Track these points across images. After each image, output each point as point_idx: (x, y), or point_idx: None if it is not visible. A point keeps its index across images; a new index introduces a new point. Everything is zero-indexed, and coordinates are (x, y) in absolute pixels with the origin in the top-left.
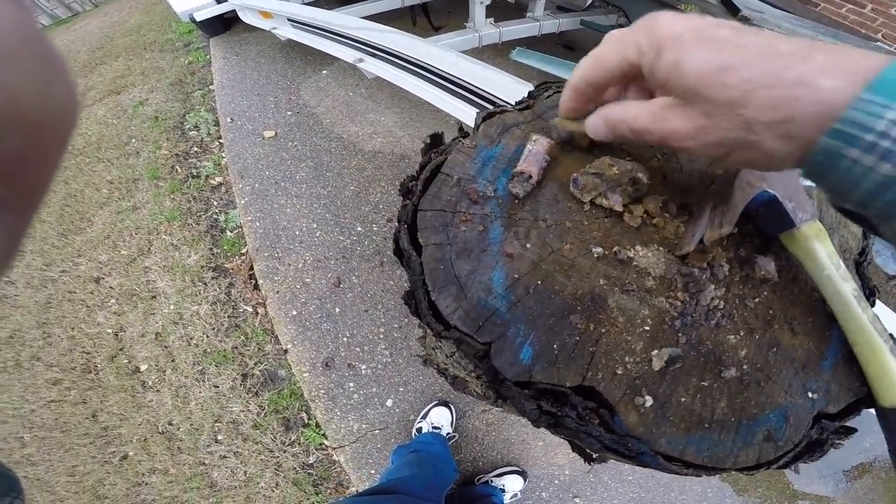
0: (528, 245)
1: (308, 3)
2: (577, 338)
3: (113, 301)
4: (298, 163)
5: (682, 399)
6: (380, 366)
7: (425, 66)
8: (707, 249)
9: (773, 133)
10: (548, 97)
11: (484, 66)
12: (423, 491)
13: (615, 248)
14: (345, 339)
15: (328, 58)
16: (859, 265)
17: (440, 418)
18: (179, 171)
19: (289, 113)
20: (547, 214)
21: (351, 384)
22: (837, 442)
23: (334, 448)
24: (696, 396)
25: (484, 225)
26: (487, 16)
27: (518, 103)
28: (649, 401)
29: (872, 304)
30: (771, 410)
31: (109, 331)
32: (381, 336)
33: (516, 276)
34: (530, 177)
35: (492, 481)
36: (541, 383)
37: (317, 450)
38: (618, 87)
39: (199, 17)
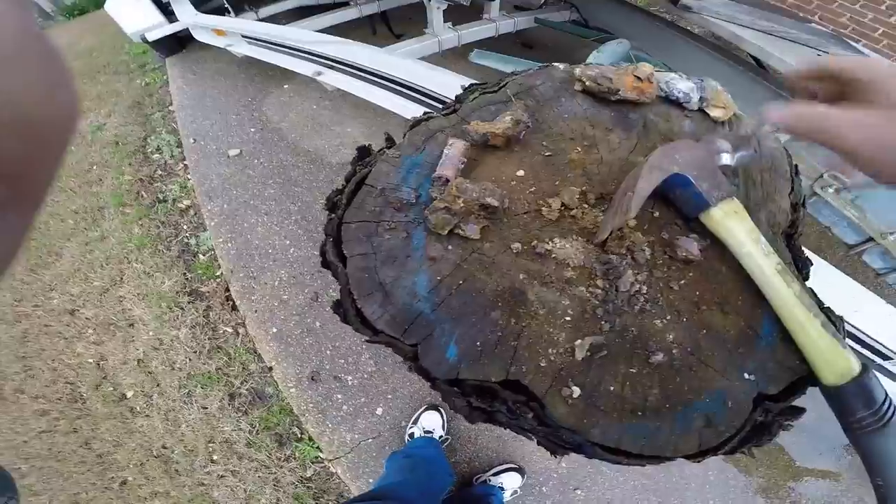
0: (450, 247)
1: (266, 18)
2: (500, 333)
3: (90, 331)
4: (266, 180)
5: (612, 388)
6: (366, 375)
7: (383, 74)
8: (625, 235)
9: None
10: (473, 99)
11: (441, 71)
12: (417, 496)
13: (533, 243)
14: (328, 351)
15: (289, 72)
16: (790, 237)
17: (431, 422)
18: (145, 196)
19: (252, 130)
20: None
21: (339, 396)
22: (786, 423)
23: (330, 460)
24: (626, 384)
25: (408, 231)
26: (445, 20)
27: (444, 108)
28: (576, 391)
29: (806, 278)
30: (707, 395)
31: (91, 360)
32: (364, 346)
33: (439, 278)
34: (447, 180)
35: (490, 480)
36: (469, 380)
37: (313, 463)
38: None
39: (151, 37)
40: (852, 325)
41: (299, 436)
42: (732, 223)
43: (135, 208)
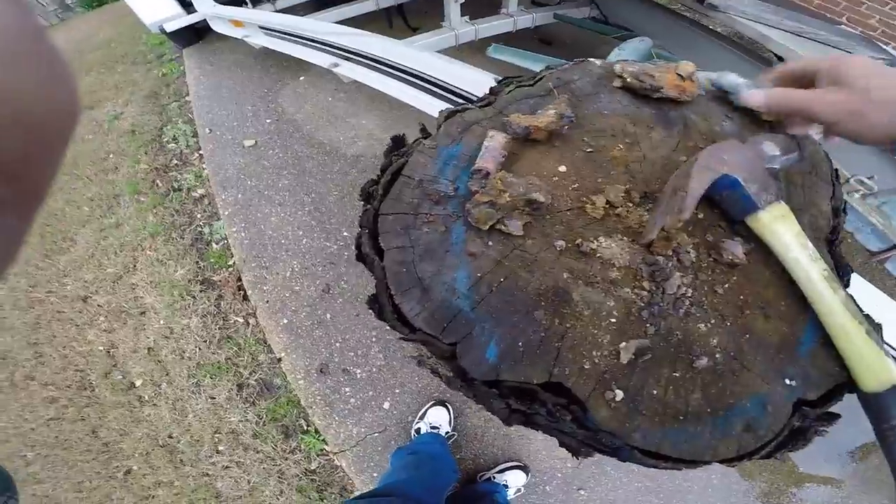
0: (491, 242)
1: (283, 10)
2: (543, 334)
3: (102, 319)
4: (280, 171)
5: (654, 391)
6: (374, 369)
7: (400, 67)
8: (671, 236)
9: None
10: (509, 92)
11: (458, 64)
12: (422, 493)
13: (578, 241)
14: (337, 344)
15: (305, 64)
16: (831, 244)
17: (438, 418)
18: (160, 184)
19: (268, 121)
20: None
21: (347, 389)
22: (821, 429)
23: (335, 453)
24: (669, 388)
25: (446, 225)
26: (463, 14)
27: (480, 100)
28: (620, 395)
29: (847, 284)
30: (748, 399)
31: (101, 348)
32: (374, 339)
33: (479, 274)
34: (488, 173)
35: (494, 478)
36: (509, 381)
37: (318, 456)
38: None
39: (170, 28)
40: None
41: (305, 428)
42: (780, 227)
43: (150, 196)
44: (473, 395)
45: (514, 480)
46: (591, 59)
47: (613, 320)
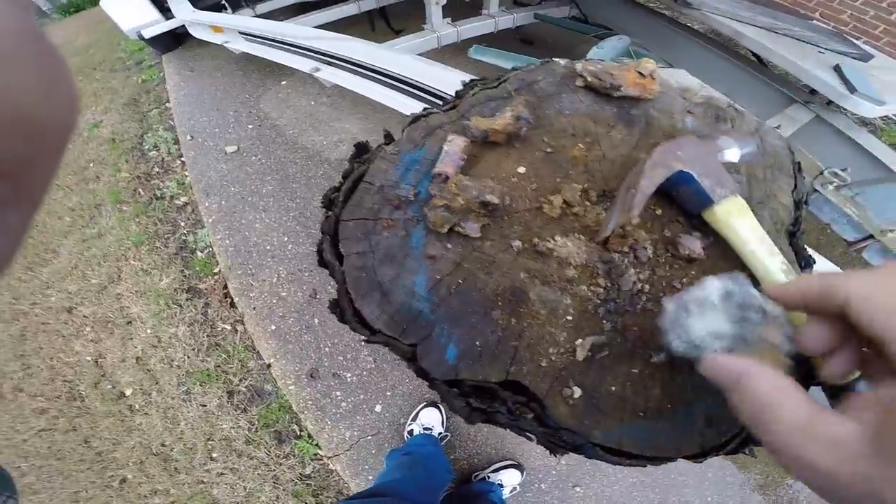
0: (450, 245)
1: (263, 15)
2: (500, 333)
3: (88, 329)
4: (264, 176)
5: (613, 388)
6: (364, 372)
7: (381, 70)
8: (628, 233)
9: None
10: (473, 95)
11: (439, 67)
12: (416, 493)
13: (535, 241)
14: (327, 349)
15: (287, 68)
16: (793, 235)
17: (430, 419)
18: (142, 193)
19: (250, 126)
20: None
21: (338, 393)
22: None
23: (329, 457)
24: (627, 384)
25: (406, 230)
26: (445, 16)
27: (444, 104)
28: (577, 392)
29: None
30: (708, 395)
31: (89, 358)
32: (363, 343)
33: (438, 277)
34: (447, 177)
35: (489, 477)
36: (468, 380)
37: (312, 460)
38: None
39: (148, 34)
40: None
41: (298, 433)
42: (736, 221)
43: (132, 205)
44: (437, 393)
45: (508, 479)
46: (556, 60)
47: (570, 318)
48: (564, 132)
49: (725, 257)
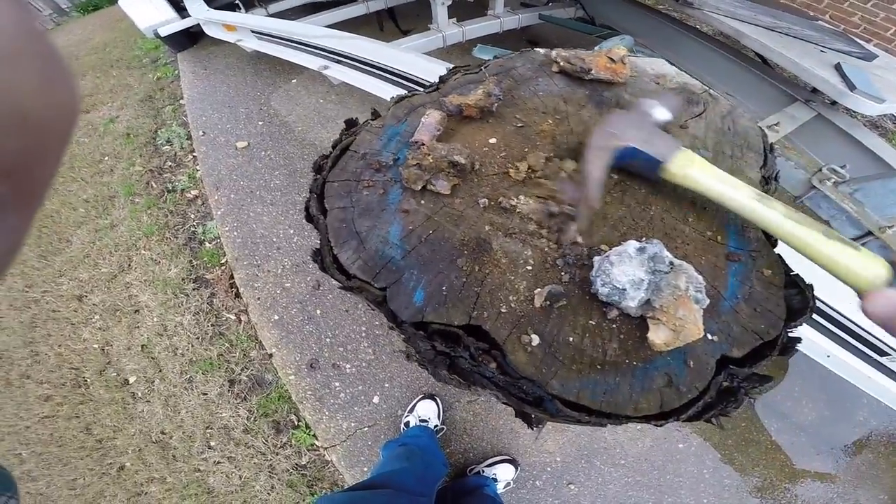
0: (423, 201)
1: (275, 14)
2: (464, 279)
3: (97, 317)
4: (272, 171)
5: (570, 338)
6: (364, 364)
7: (388, 68)
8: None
9: None
10: (455, 80)
11: (442, 65)
12: (414, 484)
13: (500, 199)
14: (328, 339)
15: (297, 67)
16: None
17: (427, 411)
18: (155, 186)
19: (260, 123)
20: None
21: (337, 384)
22: (752, 390)
23: (325, 448)
24: (585, 336)
25: (385, 189)
26: (451, 16)
27: (428, 87)
28: (536, 339)
29: (774, 245)
30: (668, 353)
31: (96, 346)
32: (363, 334)
33: (411, 228)
34: (423, 144)
35: (483, 471)
36: (433, 323)
37: (308, 450)
38: None
39: (164, 32)
40: (852, 322)
41: (296, 423)
42: (691, 171)
43: (144, 198)
44: (405, 337)
45: (503, 474)
46: (536, 49)
47: (529, 268)
48: (536, 110)
49: (685, 220)
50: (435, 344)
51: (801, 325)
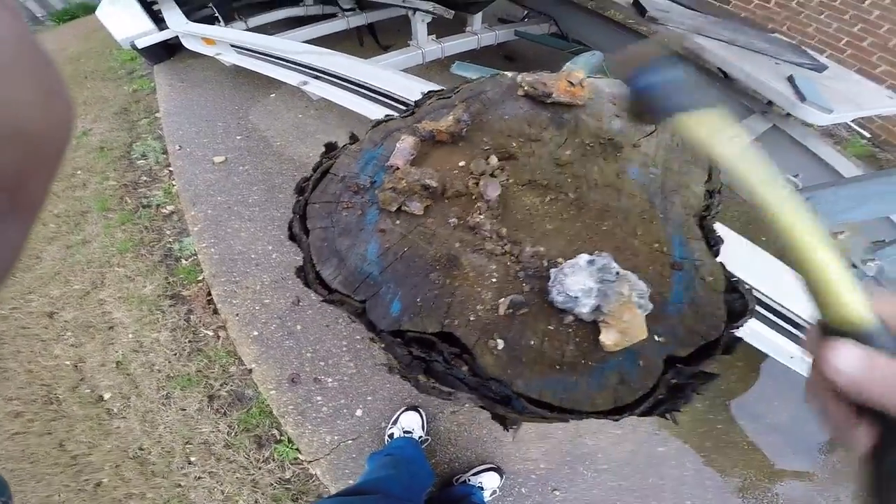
0: (398, 221)
1: (255, 28)
2: (437, 292)
3: (69, 334)
4: (250, 186)
5: (532, 342)
6: (345, 377)
7: (366, 85)
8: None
9: None
10: (429, 104)
11: (420, 82)
12: (401, 491)
13: (468, 216)
14: (308, 354)
15: (276, 81)
16: (702, 219)
17: (411, 422)
18: (129, 201)
19: (238, 137)
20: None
21: (319, 398)
22: (700, 386)
23: (309, 461)
24: (545, 339)
25: (362, 210)
26: (430, 33)
27: (404, 111)
28: (501, 343)
29: (715, 254)
30: (620, 353)
31: (68, 362)
32: (345, 348)
33: (387, 246)
34: (397, 168)
35: (469, 480)
36: (409, 331)
37: (292, 464)
38: None
39: (141, 44)
40: (799, 316)
41: (279, 437)
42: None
43: (118, 213)
44: (384, 345)
45: (488, 482)
46: (505, 73)
47: (494, 280)
48: (502, 133)
49: (634, 233)
50: (412, 350)
51: (741, 325)
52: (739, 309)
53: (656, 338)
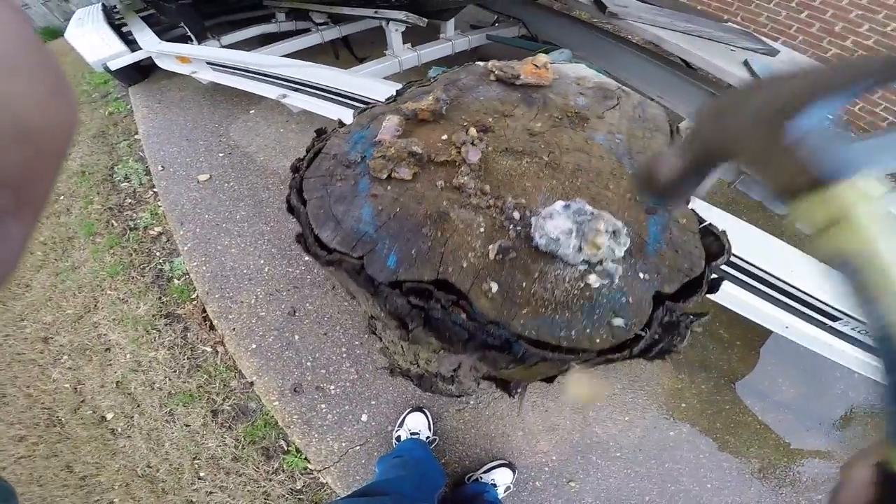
0: (389, 187)
1: (228, 46)
2: (429, 243)
3: (65, 357)
4: (237, 202)
5: (524, 283)
6: (348, 384)
7: (346, 93)
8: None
9: None
10: (409, 91)
11: (400, 86)
12: (412, 491)
13: (453, 179)
14: (308, 363)
15: (254, 97)
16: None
17: (417, 424)
18: (116, 224)
19: (221, 155)
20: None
21: (323, 405)
22: (691, 323)
23: (319, 470)
24: (535, 281)
25: (355, 180)
26: (405, 41)
27: (387, 99)
28: (494, 287)
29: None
30: (606, 292)
31: (67, 385)
32: (344, 355)
33: (380, 208)
34: (382, 142)
35: (481, 478)
36: (407, 281)
37: (302, 474)
38: None
39: (114, 66)
40: (792, 286)
41: (286, 448)
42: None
43: (105, 237)
44: (383, 300)
45: (501, 479)
46: (478, 62)
47: (482, 230)
48: (478, 112)
49: (600, 175)
50: (410, 299)
51: (721, 264)
52: (717, 250)
53: (641, 275)
